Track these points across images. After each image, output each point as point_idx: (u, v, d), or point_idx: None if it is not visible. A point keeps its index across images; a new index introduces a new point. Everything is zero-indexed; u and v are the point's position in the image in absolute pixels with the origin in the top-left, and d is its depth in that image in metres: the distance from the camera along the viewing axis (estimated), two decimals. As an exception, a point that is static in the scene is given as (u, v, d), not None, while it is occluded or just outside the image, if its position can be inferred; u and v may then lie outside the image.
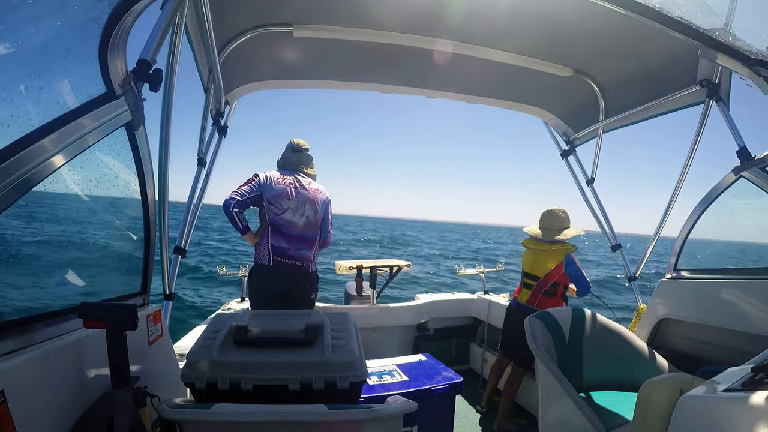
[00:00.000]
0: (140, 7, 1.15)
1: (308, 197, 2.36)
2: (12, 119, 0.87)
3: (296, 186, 2.37)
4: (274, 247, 2.29)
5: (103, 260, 1.51)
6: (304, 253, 2.34)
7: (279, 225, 2.31)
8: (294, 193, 2.34)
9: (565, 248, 2.52)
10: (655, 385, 1.11)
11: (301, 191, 2.36)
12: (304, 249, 2.34)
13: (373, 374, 1.97)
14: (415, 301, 3.52)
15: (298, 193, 2.35)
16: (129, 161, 1.31)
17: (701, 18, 1.29)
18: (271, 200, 2.30)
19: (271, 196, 2.30)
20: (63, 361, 0.99)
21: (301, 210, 2.33)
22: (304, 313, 1.42)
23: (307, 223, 2.35)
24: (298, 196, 2.34)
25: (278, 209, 2.31)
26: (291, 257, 2.31)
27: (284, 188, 2.33)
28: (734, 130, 1.98)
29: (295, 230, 2.32)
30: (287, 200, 2.32)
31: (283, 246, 2.29)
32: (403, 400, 1.09)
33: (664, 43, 1.95)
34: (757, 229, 3.23)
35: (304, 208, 2.34)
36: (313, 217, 2.36)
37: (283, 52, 2.42)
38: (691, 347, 2.11)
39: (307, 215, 2.35)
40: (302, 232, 2.33)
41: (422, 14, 2.03)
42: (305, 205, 2.34)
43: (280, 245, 2.29)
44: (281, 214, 2.30)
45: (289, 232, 2.31)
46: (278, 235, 2.31)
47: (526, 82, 2.69)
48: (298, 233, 2.32)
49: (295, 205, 2.32)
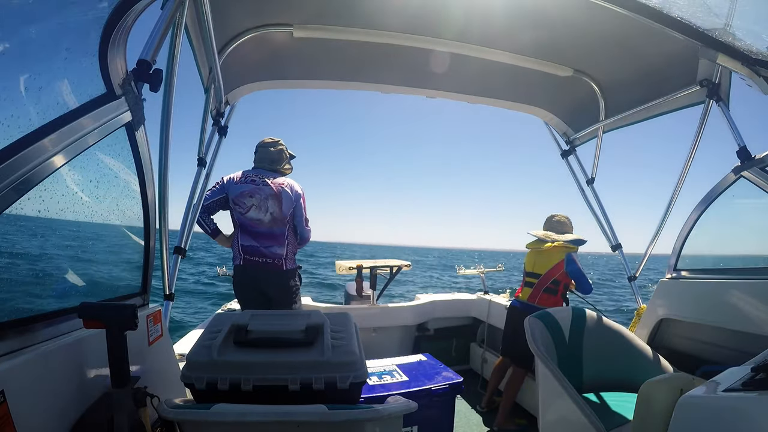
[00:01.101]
0: (140, 7, 1.15)
1: (271, 192, 2.33)
2: (12, 119, 0.86)
3: (257, 182, 2.34)
4: (243, 247, 2.31)
5: (103, 260, 1.51)
6: (274, 250, 2.32)
7: (246, 224, 2.31)
8: (255, 190, 2.32)
9: (565, 248, 2.56)
10: (655, 385, 1.11)
11: (263, 187, 2.33)
12: (275, 246, 2.32)
13: (373, 374, 1.97)
14: (415, 301, 3.52)
15: (260, 190, 2.32)
16: (129, 161, 1.30)
17: (701, 18, 1.29)
18: (236, 200, 2.31)
19: (235, 196, 2.32)
20: (63, 361, 0.98)
21: (265, 206, 2.31)
22: (304, 313, 1.42)
23: (273, 219, 2.32)
24: (260, 193, 2.32)
25: (242, 208, 2.31)
26: (261, 255, 2.30)
27: (245, 186, 2.32)
28: (734, 130, 1.98)
29: (262, 227, 2.31)
30: (249, 198, 2.30)
31: (252, 245, 2.30)
32: (403, 401, 1.09)
33: (664, 43, 1.95)
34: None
35: (267, 204, 2.31)
36: (278, 213, 2.33)
37: (283, 52, 2.42)
38: (691, 347, 2.11)
39: (271, 211, 2.32)
40: (269, 228, 2.32)
41: (422, 14, 2.03)
42: (268, 201, 2.32)
43: (249, 244, 2.30)
44: (246, 213, 2.30)
45: (256, 229, 2.31)
46: (246, 234, 2.31)
47: (526, 82, 2.69)
48: (265, 230, 2.31)
49: (258, 201, 2.30)
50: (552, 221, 2.76)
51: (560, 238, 2.61)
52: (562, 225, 2.72)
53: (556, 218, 2.76)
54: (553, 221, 2.76)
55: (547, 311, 2.01)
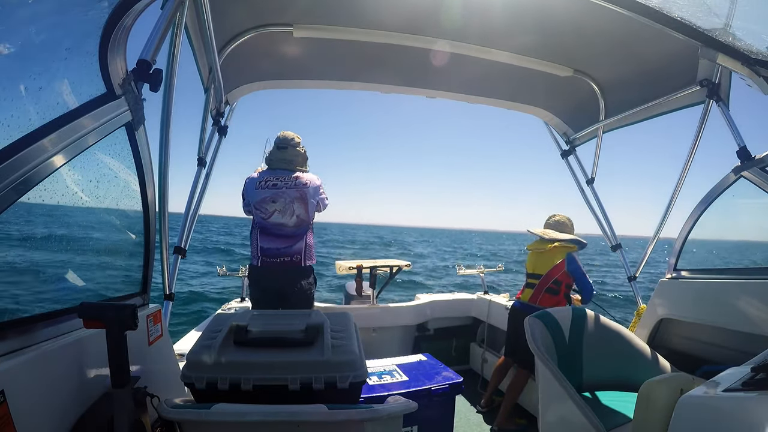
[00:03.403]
0: (140, 7, 1.15)
1: (296, 195, 2.28)
2: (12, 119, 0.87)
3: (280, 186, 2.29)
4: (263, 249, 2.28)
5: (103, 260, 1.51)
6: (295, 248, 2.29)
7: (268, 228, 2.29)
8: (278, 194, 2.27)
9: (566, 247, 2.57)
10: (655, 385, 1.11)
11: (287, 191, 2.28)
12: (295, 244, 2.30)
13: (373, 374, 1.97)
14: (415, 301, 3.52)
15: (283, 194, 2.28)
16: (129, 161, 1.30)
17: (701, 18, 1.29)
18: (257, 206, 2.29)
19: (256, 202, 2.29)
20: (63, 361, 0.98)
21: (290, 210, 2.27)
22: (304, 313, 1.42)
23: (299, 222, 2.30)
24: (284, 197, 2.27)
25: (265, 214, 2.27)
26: (281, 255, 2.27)
27: (267, 193, 2.28)
28: (734, 130, 1.98)
29: (286, 230, 2.29)
30: (272, 203, 2.27)
31: (272, 247, 2.27)
32: (403, 400, 1.10)
33: (664, 43, 1.95)
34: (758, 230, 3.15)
35: (293, 207, 2.28)
36: (304, 215, 2.30)
37: (283, 52, 2.42)
38: (691, 347, 2.11)
39: (298, 214, 2.29)
40: (294, 230, 2.30)
41: (422, 14, 2.03)
42: (293, 204, 2.28)
43: (269, 246, 2.27)
44: (269, 218, 2.27)
45: (279, 232, 2.29)
46: (267, 237, 2.29)
47: (526, 82, 2.70)
48: (289, 232, 2.29)
49: (282, 206, 2.26)
50: (552, 221, 2.75)
51: (560, 236, 2.61)
52: (562, 225, 2.71)
53: (556, 218, 2.75)
54: (552, 221, 2.75)
55: (547, 311, 2.01)
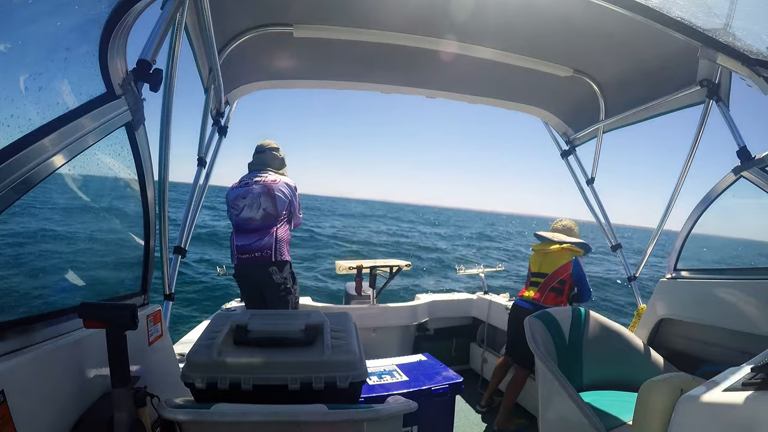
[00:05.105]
0: (140, 7, 1.15)
1: (263, 190, 2.38)
2: (12, 119, 0.86)
3: (251, 184, 2.40)
4: (238, 247, 2.37)
5: (103, 260, 1.51)
6: (264, 242, 2.35)
7: (240, 224, 2.38)
8: (247, 191, 2.38)
9: (573, 250, 2.63)
10: (655, 385, 1.11)
11: (254, 186, 2.39)
12: (264, 238, 2.36)
13: (373, 374, 1.97)
14: (415, 301, 3.52)
15: (251, 189, 2.38)
16: (129, 161, 1.30)
17: (701, 18, 1.28)
18: (232, 204, 2.39)
19: (231, 200, 2.40)
20: (63, 361, 0.98)
21: (257, 203, 2.36)
22: (304, 312, 1.43)
23: (266, 215, 2.37)
24: (253, 191, 2.37)
25: (237, 210, 2.37)
26: (252, 251, 2.34)
27: (240, 191, 2.40)
28: (734, 130, 1.98)
29: (254, 224, 2.36)
30: (242, 199, 2.37)
31: (244, 243, 2.35)
32: (403, 400, 1.10)
33: (664, 43, 1.95)
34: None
35: (260, 200, 2.36)
36: (272, 209, 2.37)
37: (283, 52, 2.42)
38: (691, 347, 2.11)
39: (264, 207, 2.36)
40: (261, 224, 2.37)
41: (422, 14, 2.03)
42: (260, 198, 2.37)
43: (242, 243, 2.36)
44: (240, 214, 2.36)
45: (248, 227, 2.36)
46: (240, 234, 2.38)
47: (526, 82, 2.69)
48: (256, 226, 2.36)
49: (250, 200, 2.36)
50: (559, 226, 2.84)
51: (568, 239, 2.68)
52: (569, 230, 2.80)
53: (563, 223, 2.84)
54: (560, 226, 2.83)
55: (547, 311, 2.01)
